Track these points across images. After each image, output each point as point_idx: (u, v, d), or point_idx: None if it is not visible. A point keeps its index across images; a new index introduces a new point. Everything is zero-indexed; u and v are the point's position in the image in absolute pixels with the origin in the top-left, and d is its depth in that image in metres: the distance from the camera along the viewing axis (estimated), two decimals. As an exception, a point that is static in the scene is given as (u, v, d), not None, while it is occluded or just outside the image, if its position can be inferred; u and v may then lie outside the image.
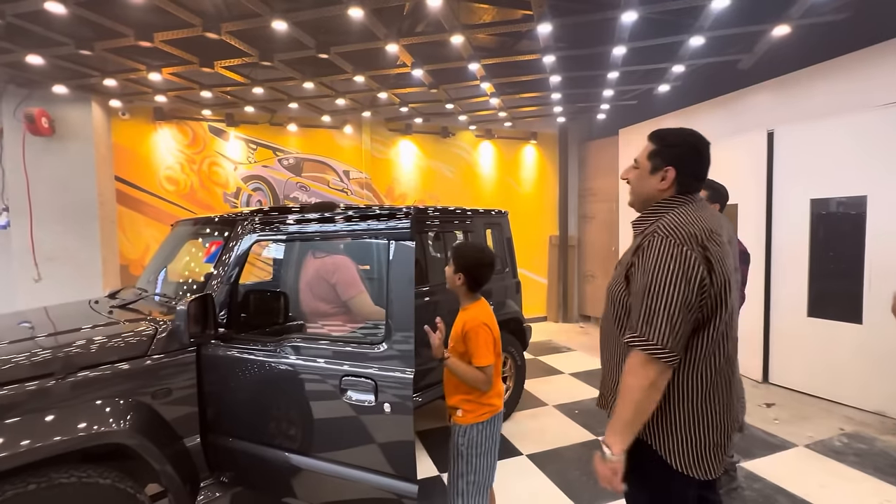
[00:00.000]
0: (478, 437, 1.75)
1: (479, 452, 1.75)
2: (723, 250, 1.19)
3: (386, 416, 1.69)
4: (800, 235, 4.10)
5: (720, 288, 1.16)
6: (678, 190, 1.28)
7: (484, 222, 3.67)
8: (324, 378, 1.84)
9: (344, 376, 1.78)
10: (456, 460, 1.78)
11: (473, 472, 1.74)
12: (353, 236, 1.96)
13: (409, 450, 1.69)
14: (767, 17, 3.53)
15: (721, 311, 1.18)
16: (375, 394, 1.71)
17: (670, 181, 1.28)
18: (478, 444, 1.75)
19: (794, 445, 3.11)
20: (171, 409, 1.93)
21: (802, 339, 4.06)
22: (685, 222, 1.19)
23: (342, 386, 1.78)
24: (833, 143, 3.84)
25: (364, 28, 3.49)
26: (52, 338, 1.95)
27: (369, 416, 1.75)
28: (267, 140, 5.86)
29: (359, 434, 1.77)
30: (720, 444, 1.22)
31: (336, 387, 1.79)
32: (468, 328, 1.73)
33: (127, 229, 5.37)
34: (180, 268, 2.70)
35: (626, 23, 3.41)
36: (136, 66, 4.04)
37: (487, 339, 1.72)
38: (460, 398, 1.78)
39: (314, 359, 1.87)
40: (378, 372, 1.72)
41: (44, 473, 1.56)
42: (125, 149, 5.29)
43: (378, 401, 1.70)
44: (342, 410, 1.79)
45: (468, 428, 1.75)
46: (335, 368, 1.80)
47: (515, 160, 7.14)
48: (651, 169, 1.30)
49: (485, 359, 1.70)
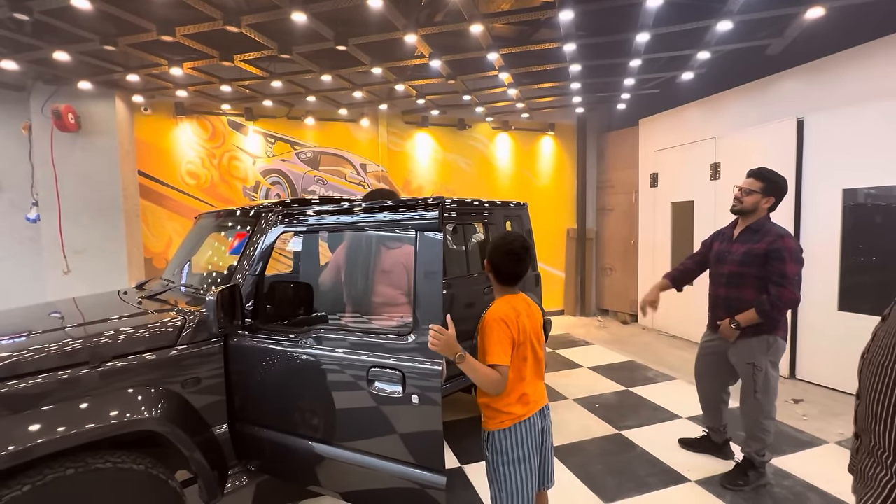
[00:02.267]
0: (500, 444, 1.65)
1: (504, 461, 1.64)
2: None
3: (414, 406, 1.68)
4: (830, 227, 3.96)
5: None
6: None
7: (503, 214, 3.64)
8: (351, 369, 1.84)
9: (371, 367, 1.78)
10: (487, 464, 1.72)
11: (502, 480, 1.65)
12: (381, 227, 1.94)
13: (437, 441, 1.68)
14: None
15: None
16: (403, 385, 1.70)
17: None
18: (501, 452, 1.65)
19: (824, 442, 3.03)
20: (199, 397, 1.96)
21: (832, 333, 3.94)
22: None
23: (369, 377, 1.78)
24: (867, 131, 3.69)
25: (382, 18, 3.47)
26: (83, 328, 2.00)
27: (397, 407, 1.74)
28: (285, 134, 5.90)
29: (386, 425, 1.77)
30: None
31: (363, 377, 1.79)
32: (483, 322, 1.65)
33: (150, 223, 5.47)
34: (205, 259, 2.73)
35: (651, 7, 3.32)
36: (158, 60, 4.09)
37: (502, 335, 1.58)
38: (481, 401, 1.70)
39: (342, 349, 1.87)
40: (406, 363, 1.71)
41: (81, 459, 1.60)
42: (147, 144, 5.39)
43: (406, 392, 1.70)
44: (369, 401, 1.79)
45: (490, 434, 1.68)
46: (362, 360, 1.80)
47: (532, 152, 7.05)
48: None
49: (495, 356, 1.57)
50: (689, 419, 3.38)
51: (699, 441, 2.95)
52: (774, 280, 2.36)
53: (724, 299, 2.57)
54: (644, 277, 6.24)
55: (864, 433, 0.97)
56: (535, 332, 1.72)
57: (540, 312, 1.79)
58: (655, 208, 6.02)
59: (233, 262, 2.27)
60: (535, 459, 1.70)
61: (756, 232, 2.47)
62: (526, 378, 1.68)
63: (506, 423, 1.64)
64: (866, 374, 0.97)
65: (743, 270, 2.47)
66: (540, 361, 1.74)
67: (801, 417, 3.41)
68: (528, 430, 1.67)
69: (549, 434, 1.81)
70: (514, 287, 1.73)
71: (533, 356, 1.70)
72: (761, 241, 2.41)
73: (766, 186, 2.45)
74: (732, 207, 2.58)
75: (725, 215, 2.85)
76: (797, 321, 4.20)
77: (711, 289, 2.69)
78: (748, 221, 2.53)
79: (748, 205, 2.50)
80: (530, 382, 1.69)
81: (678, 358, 4.86)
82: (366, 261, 2.38)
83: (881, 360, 0.91)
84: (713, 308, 2.68)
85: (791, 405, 3.64)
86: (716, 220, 4.86)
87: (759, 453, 2.52)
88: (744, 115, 4.79)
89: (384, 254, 2.32)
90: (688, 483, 2.60)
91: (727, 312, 2.54)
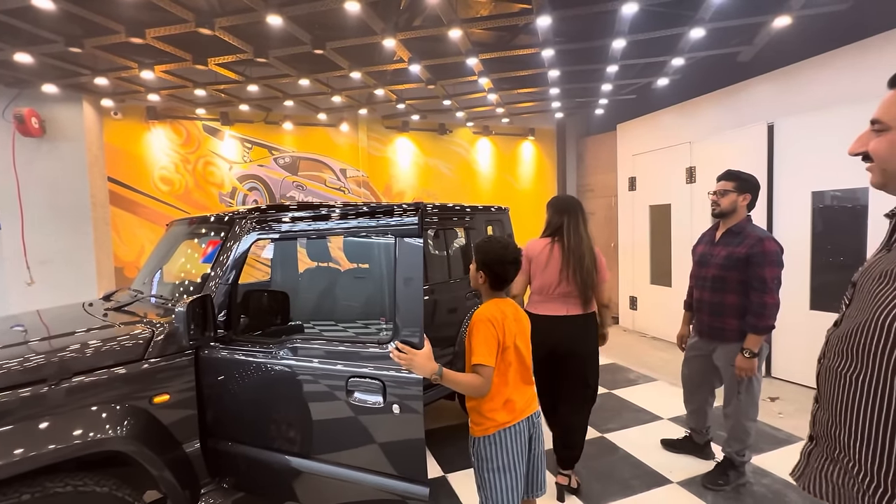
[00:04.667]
0: (485, 451, 1.63)
1: (488, 468, 1.63)
2: None
3: (395, 416, 1.65)
4: (801, 228, 4.08)
5: None
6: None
7: (485, 219, 3.63)
8: (330, 379, 1.79)
9: (351, 377, 1.73)
10: (474, 470, 1.70)
11: (488, 487, 1.64)
12: (359, 233, 1.90)
13: (419, 451, 1.65)
14: (769, 7, 3.50)
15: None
16: (384, 395, 1.67)
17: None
18: (486, 458, 1.63)
19: (800, 439, 3.09)
20: (169, 413, 1.88)
21: (805, 332, 4.04)
22: None
23: (349, 387, 1.73)
24: (834, 135, 3.82)
25: (360, 22, 3.44)
26: (45, 342, 1.89)
27: (377, 418, 1.70)
28: (262, 139, 5.79)
29: (366, 436, 1.73)
30: None
31: (343, 388, 1.74)
32: (471, 323, 1.63)
33: (121, 231, 5.29)
34: (176, 269, 2.63)
35: (627, 15, 3.38)
36: (128, 63, 3.97)
37: (488, 335, 1.57)
38: (469, 405, 1.68)
39: (320, 359, 1.82)
40: (386, 372, 1.68)
41: (38, 483, 1.50)
42: (118, 149, 5.21)
43: (386, 402, 1.66)
44: (349, 412, 1.74)
45: (476, 440, 1.66)
46: (341, 370, 1.76)
47: (513, 156, 7.10)
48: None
49: (480, 355, 1.55)
50: (670, 420, 3.41)
51: (681, 442, 2.97)
52: (755, 286, 2.38)
53: (707, 304, 2.58)
54: (624, 280, 6.32)
55: (823, 439, 0.95)
56: (522, 336, 1.70)
57: (527, 318, 1.78)
58: (634, 211, 6.12)
59: (205, 270, 2.19)
60: (522, 467, 1.68)
61: (737, 235, 2.50)
62: (510, 383, 1.65)
63: (490, 430, 1.63)
64: (824, 380, 0.94)
65: (725, 274, 2.48)
66: (527, 367, 1.72)
67: (777, 415, 3.48)
68: (514, 438, 1.65)
69: (539, 441, 1.79)
70: (502, 292, 1.72)
71: (519, 361, 1.68)
72: (742, 245, 2.43)
73: (738, 185, 2.49)
74: (713, 211, 2.61)
75: (701, 218, 2.90)
76: (772, 320, 4.30)
77: (696, 293, 2.69)
78: (729, 224, 2.56)
79: (726, 206, 2.53)
80: (516, 388, 1.67)
81: (659, 359, 4.92)
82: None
83: (838, 366, 0.88)
84: (698, 312, 2.68)
85: (768, 403, 3.71)
86: (692, 222, 4.96)
87: (740, 453, 2.54)
88: (717, 120, 4.91)
89: None
90: (671, 484, 2.61)
91: (711, 317, 2.56)
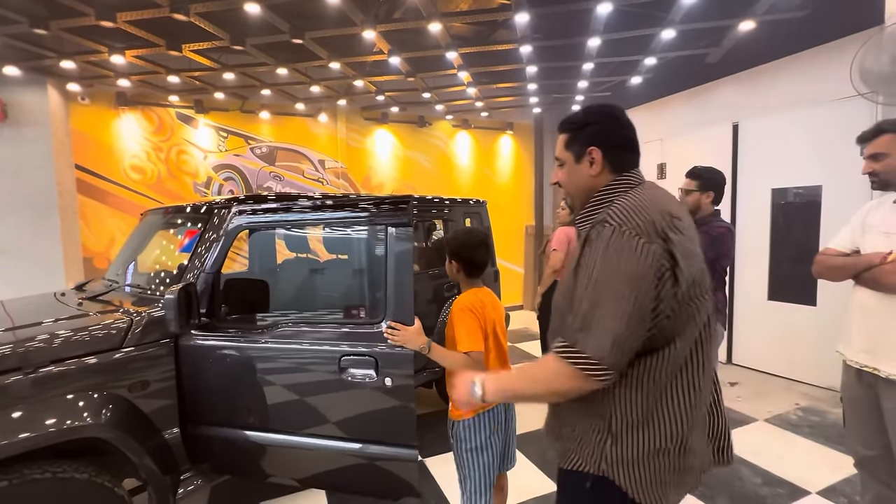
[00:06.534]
0: (463, 433, 1.72)
1: (467, 448, 1.72)
2: (688, 240, 0.98)
3: (387, 388, 1.81)
4: (761, 224, 4.31)
5: (689, 290, 0.95)
6: (613, 169, 1.09)
7: (463, 211, 3.70)
8: (322, 359, 1.91)
9: (343, 356, 1.86)
10: (454, 451, 1.78)
11: (466, 466, 1.73)
12: (351, 223, 2.06)
13: (410, 417, 1.81)
14: (734, 11, 3.66)
15: (691, 320, 0.96)
16: (377, 369, 1.81)
17: (600, 163, 1.09)
18: (464, 440, 1.72)
19: (754, 420, 3.31)
20: (149, 401, 1.89)
21: (763, 321, 4.30)
22: (639, 206, 0.97)
23: (341, 365, 1.86)
24: (792, 136, 4.05)
25: (340, 13, 3.43)
26: (19, 331, 1.87)
27: (370, 391, 1.85)
28: (238, 128, 5.69)
29: (359, 408, 1.88)
30: (683, 482, 1.02)
31: (335, 366, 1.86)
32: (451, 313, 1.72)
33: (90, 221, 5.13)
34: (153, 258, 2.61)
35: (602, 14, 3.48)
36: (97, 47, 3.84)
37: (471, 323, 1.65)
38: (450, 391, 1.76)
39: (312, 341, 1.93)
40: (379, 349, 1.82)
41: (16, 470, 1.50)
42: (86, 136, 5.03)
43: (379, 376, 1.81)
44: (343, 387, 1.87)
45: (454, 423, 1.74)
46: (334, 349, 1.89)
47: (492, 150, 7.18)
48: (575, 158, 1.12)
49: (467, 343, 1.64)
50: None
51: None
52: None
53: None
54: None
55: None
56: (500, 323, 1.81)
57: (502, 306, 1.88)
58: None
59: (182, 260, 2.19)
60: (498, 445, 1.79)
61: (699, 227, 2.65)
62: (490, 368, 1.75)
63: (469, 414, 1.71)
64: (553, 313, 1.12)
65: None
66: (504, 351, 1.83)
67: (735, 398, 3.70)
68: (491, 420, 1.75)
69: (513, 420, 1.91)
70: (479, 280, 1.81)
71: (497, 346, 1.79)
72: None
73: (701, 183, 2.64)
74: None
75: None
76: (733, 311, 4.54)
77: None
78: (694, 218, 2.73)
79: (690, 204, 2.69)
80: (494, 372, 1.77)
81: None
82: None
83: (561, 303, 1.06)
84: None
85: (727, 388, 3.94)
86: (662, 217, 5.15)
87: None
88: (686, 119, 5.11)
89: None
90: (635, 464, 2.78)
91: None
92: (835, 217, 3.76)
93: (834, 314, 3.78)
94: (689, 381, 0.99)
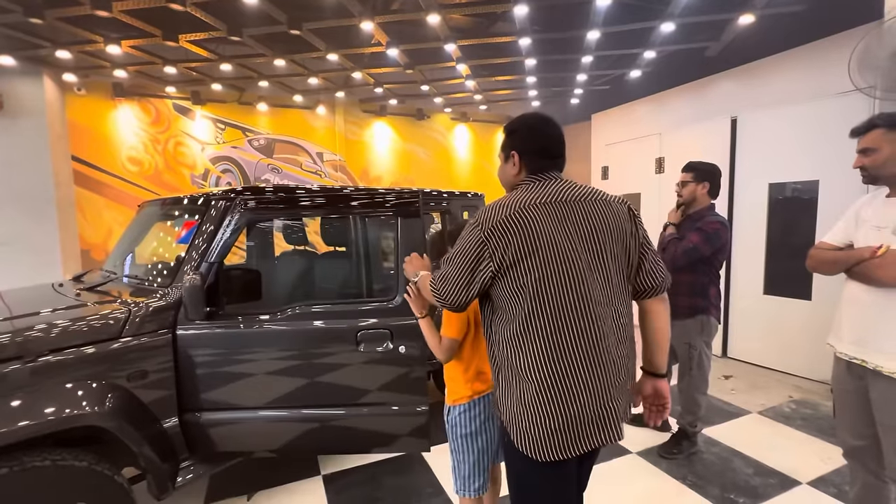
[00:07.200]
0: (458, 418, 1.75)
1: (461, 433, 1.75)
2: (531, 222, 1.19)
3: (401, 355, 2.08)
4: (758, 218, 4.33)
5: (515, 259, 1.19)
6: (529, 170, 1.31)
7: (461, 204, 3.70)
8: (340, 335, 2.10)
9: (359, 331, 2.07)
10: (448, 436, 1.80)
11: (459, 451, 1.76)
12: (363, 214, 2.31)
13: (421, 377, 2.11)
14: (734, 5, 3.65)
15: (514, 279, 1.19)
16: (392, 340, 2.06)
17: (518, 164, 1.32)
18: (458, 425, 1.75)
19: (748, 412, 3.35)
20: (148, 390, 1.90)
21: (758, 315, 4.32)
22: (496, 205, 1.25)
23: (358, 339, 2.07)
24: (790, 130, 4.05)
25: (338, 4, 3.41)
26: (17, 321, 1.88)
27: (384, 359, 2.08)
28: (236, 120, 5.67)
29: (376, 373, 2.10)
30: (564, 429, 1.18)
31: (352, 340, 2.07)
32: None
33: (87, 212, 5.12)
34: (151, 249, 2.62)
35: (601, 7, 3.47)
36: (93, 37, 3.81)
37: (459, 314, 1.64)
38: (446, 377, 1.78)
39: (329, 318, 2.12)
40: (393, 322, 2.08)
41: (16, 458, 1.52)
42: (82, 127, 5.01)
43: (394, 345, 2.06)
44: (359, 360, 2.09)
45: (450, 408, 1.77)
46: (351, 325, 2.10)
47: (490, 143, 7.17)
48: (504, 159, 1.37)
49: (446, 328, 1.67)
50: (632, 397, 3.62)
51: (640, 417, 3.18)
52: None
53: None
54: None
55: None
56: None
57: None
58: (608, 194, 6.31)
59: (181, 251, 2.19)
60: (493, 431, 1.80)
61: (695, 221, 2.67)
62: (484, 356, 1.75)
63: (464, 399, 1.74)
64: None
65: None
66: (480, 339, 1.81)
67: (730, 391, 3.74)
68: (486, 406, 1.77)
69: None
70: None
71: (476, 332, 1.78)
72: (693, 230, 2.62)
73: (696, 175, 2.67)
74: (677, 202, 2.79)
75: (668, 207, 3.05)
76: (729, 305, 4.57)
77: None
78: (689, 211, 2.74)
79: (686, 196, 2.71)
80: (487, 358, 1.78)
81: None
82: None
83: None
84: None
85: (722, 381, 3.98)
86: (660, 210, 5.16)
87: (692, 425, 2.76)
88: (685, 113, 5.10)
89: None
90: (630, 454, 2.81)
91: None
92: (831, 212, 3.78)
93: (828, 308, 3.82)
94: (537, 337, 1.20)
